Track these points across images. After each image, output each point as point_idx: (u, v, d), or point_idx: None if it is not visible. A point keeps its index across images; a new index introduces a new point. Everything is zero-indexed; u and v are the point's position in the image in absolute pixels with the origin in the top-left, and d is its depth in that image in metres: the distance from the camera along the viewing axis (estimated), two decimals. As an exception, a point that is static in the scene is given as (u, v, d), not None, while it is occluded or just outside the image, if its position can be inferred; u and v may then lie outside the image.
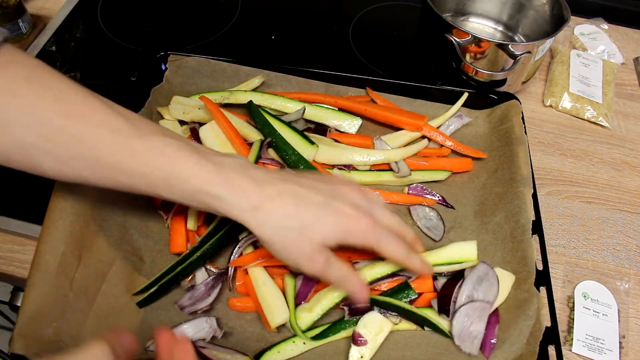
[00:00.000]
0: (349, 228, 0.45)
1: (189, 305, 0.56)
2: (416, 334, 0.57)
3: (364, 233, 0.46)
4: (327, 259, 0.46)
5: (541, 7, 0.85)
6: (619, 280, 0.67)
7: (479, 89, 0.77)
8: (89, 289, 0.53)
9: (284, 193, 0.44)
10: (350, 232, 0.45)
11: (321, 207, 0.44)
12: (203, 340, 0.53)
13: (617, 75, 0.94)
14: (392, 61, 0.93)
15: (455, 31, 0.76)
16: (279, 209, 0.43)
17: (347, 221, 0.45)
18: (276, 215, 0.43)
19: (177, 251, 0.59)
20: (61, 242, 0.52)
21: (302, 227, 0.44)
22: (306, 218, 0.44)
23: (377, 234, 0.46)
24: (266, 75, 0.76)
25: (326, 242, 0.45)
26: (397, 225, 0.50)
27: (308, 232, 0.44)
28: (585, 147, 0.83)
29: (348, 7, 1.03)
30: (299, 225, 0.44)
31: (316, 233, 0.44)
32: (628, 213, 0.75)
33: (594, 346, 0.61)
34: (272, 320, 0.54)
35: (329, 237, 0.45)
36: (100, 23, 0.95)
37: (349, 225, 0.45)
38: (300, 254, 0.45)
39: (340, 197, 0.46)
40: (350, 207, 0.45)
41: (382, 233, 0.47)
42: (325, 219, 0.44)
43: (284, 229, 0.44)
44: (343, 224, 0.45)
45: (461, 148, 0.72)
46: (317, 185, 0.46)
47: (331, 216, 0.44)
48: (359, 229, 0.45)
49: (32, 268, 0.50)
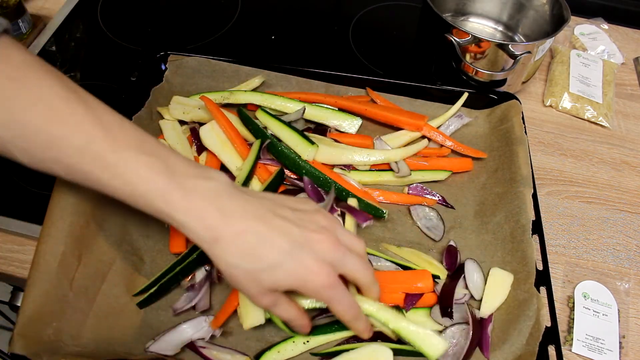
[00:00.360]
0: (304, 281, 0.44)
1: (185, 305, 0.56)
2: None
3: (318, 289, 0.45)
4: (274, 300, 0.46)
5: (541, 7, 0.85)
6: (619, 280, 0.67)
7: (479, 89, 0.77)
8: (89, 289, 0.53)
9: (247, 232, 0.43)
10: (304, 285, 0.45)
11: (282, 254, 0.44)
12: (203, 340, 0.53)
13: (617, 75, 0.94)
14: (392, 61, 0.93)
15: (455, 31, 0.76)
16: (237, 247, 0.43)
17: (305, 274, 0.44)
18: (233, 252, 0.43)
19: (177, 251, 0.59)
20: (61, 242, 0.52)
21: (254, 270, 0.44)
22: (262, 262, 0.43)
23: (331, 293, 0.46)
24: (266, 75, 0.76)
25: (276, 288, 0.45)
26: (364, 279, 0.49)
27: (259, 275, 0.44)
28: (585, 147, 0.83)
29: (348, 7, 1.03)
30: (251, 267, 0.44)
31: (267, 278, 0.44)
32: (628, 213, 0.75)
33: (594, 346, 0.61)
34: (245, 321, 0.53)
35: (281, 284, 0.45)
36: (100, 23, 0.95)
37: (304, 278, 0.44)
38: (247, 292, 0.45)
39: (308, 246, 0.45)
40: (314, 260, 0.44)
41: (337, 293, 0.46)
42: (282, 267, 0.44)
43: (237, 267, 0.44)
44: (299, 276, 0.44)
45: (461, 148, 0.72)
46: (287, 229, 0.45)
47: (289, 265, 0.44)
48: (314, 284, 0.45)
49: (32, 268, 0.50)
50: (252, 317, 0.53)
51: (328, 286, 0.45)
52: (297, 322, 0.50)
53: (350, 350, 0.54)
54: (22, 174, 0.70)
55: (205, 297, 0.57)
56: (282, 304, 0.47)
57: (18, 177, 0.70)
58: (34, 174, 0.42)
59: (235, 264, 0.44)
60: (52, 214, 0.52)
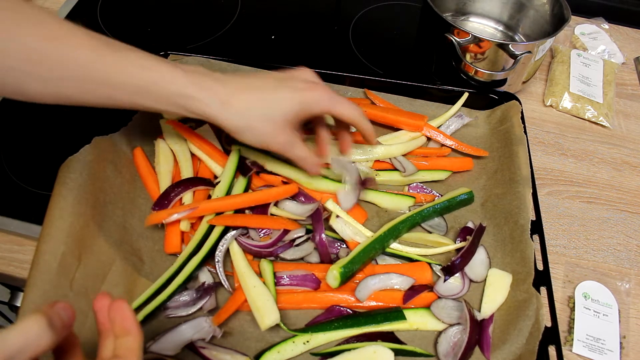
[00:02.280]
0: (304, 98, 0.52)
1: (173, 308, 0.56)
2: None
3: (319, 99, 0.52)
4: (290, 138, 0.53)
5: (541, 7, 0.85)
6: (620, 280, 0.67)
7: (479, 89, 0.77)
8: (89, 289, 0.53)
9: (244, 87, 0.51)
10: (306, 101, 0.52)
11: (277, 89, 0.52)
12: (203, 340, 0.53)
13: (618, 75, 0.94)
14: (392, 61, 0.93)
15: (456, 31, 0.76)
16: (243, 100, 0.50)
17: (302, 93, 0.52)
18: (241, 105, 0.50)
19: (172, 251, 0.59)
20: (61, 242, 0.52)
21: (264, 111, 0.51)
22: (266, 103, 0.51)
23: (332, 99, 0.53)
24: (266, 75, 0.76)
25: (287, 119, 0.52)
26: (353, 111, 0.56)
27: (269, 114, 0.51)
28: (586, 147, 0.83)
29: (348, 7, 1.03)
30: (261, 111, 0.51)
31: (276, 113, 0.51)
32: (628, 213, 0.75)
33: (594, 346, 0.61)
34: (262, 322, 0.53)
35: (288, 112, 0.51)
36: (100, 23, 0.95)
37: (304, 96, 0.52)
38: (266, 135, 0.52)
39: (290, 77, 0.54)
40: (302, 82, 0.53)
41: (336, 98, 0.54)
42: (281, 97, 0.51)
43: (249, 117, 0.51)
44: (298, 96, 0.52)
45: (462, 147, 0.72)
46: (272, 75, 0.54)
47: (286, 93, 0.52)
48: (313, 97, 0.52)
49: (32, 268, 0.50)
50: (268, 317, 0.53)
51: (326, 94, 0.53)
52: (308, 160, 0.57)
53: (350, 350, 0.54)
54: (22, 174, 0.70)
55: (212, 297, 0.57)
56: (297, 143, 0.55)
57: (18, 177, 0.70)
58: (34, 174, 0.42)
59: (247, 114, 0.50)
60: (52, 214, 0.52)
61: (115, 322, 0.36)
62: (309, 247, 0.62)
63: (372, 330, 0.56)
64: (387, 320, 0.56)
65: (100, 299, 0.37)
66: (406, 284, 0.59)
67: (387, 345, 0.54)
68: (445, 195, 0.67)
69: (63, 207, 0.53)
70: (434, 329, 0.57)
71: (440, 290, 0.59)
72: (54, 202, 0.53)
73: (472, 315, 0.56)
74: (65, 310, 0.34)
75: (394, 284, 0.59)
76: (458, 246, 0.62)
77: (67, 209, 0.53)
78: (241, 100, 0.50)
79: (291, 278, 0.58)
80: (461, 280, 0.60)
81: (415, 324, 0.57)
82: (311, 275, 0.59)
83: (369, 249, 0.59)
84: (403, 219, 0.62)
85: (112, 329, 0.36)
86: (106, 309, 0.36)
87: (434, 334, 0.57)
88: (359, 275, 0.59)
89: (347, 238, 0.61)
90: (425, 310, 0.58)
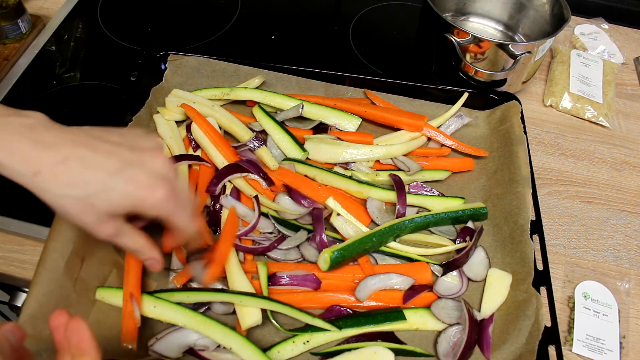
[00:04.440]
0: (139, 198, 0.43)
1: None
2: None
3: (157, 204, 0.44)
4: (116, 229, 0.45)
5: (541, 7, 0.85)
6: (620, 280, 0.67)
7: (479, 89, 0.77)
8: (91, 290, 0.54)
9: (70, 158, 0.41)
10: (142, 202, 0.43)
11: (113, 174, 0.42)
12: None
13: (618, 75, 0.94)
14: (392, 61, 0.93)
15: (456, 31, 0.76)
16: (62, 176, 0.41)
17: (140, 191, 0.43)
18: (57, 182, 0.41)
19: (169, 250, 0.55)
20: (70, 241, 0.52)
21: (86, 196, 0.41)
22: (91, 186, 0.41)
23: (171, 206, 0.45)
24: (266, 75, 0.76)
25: (114, 212, 0.43)
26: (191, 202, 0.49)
27: (93, 200, 0.42)
28: (586, 147, 0.83)
29: (348, 7, 1.03)
30: (83, 193, 0.41)
31: (102, 202, 0.42)
32: (628, 213, 0.75)
33: (594, 346, 0.61)
34: (243, 322, 0.53)
35: (117, 207, 0.43)
36: (100, 23, 0.95)
37: (140, 196, 0.43)
38: (86, 222, 0.43)
39: (139, 163, 0.43)
40: (147, 176, 0.43)
41: (177, 204, 0.45)
42: (114, 187, 0.42)
43: (66, 197, 0.41)
44: (135, 194, 0.43)
45: (462, 147, 0.72)
46: (115, 151, 0.43)
47: (122, 185, 0.42)
48: (152, 200, 0.43)
49: (39, 266, 0.50)
50: (249, 318, 0.53)
51: (167, 198, 0.44)
52: (147, 254, 0.48)
53: (350, 350, 0.54)
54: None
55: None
56: (127, 233, 0.46)
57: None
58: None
59: (62, 194, 0.41)
60: None
61: (72, 343, 0.34)
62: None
63: (372, 330, 0.56)
64: (387, 320, 0.56)
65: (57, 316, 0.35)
66: (406, 284, 0.59)
67: (387, 345, 0.54)
68: (457, 205, 0.66)
69: None
70: (433, 329, 0.57)
71: (440, 289, 0.59)
72: None
73: (472, 315, 0.56)
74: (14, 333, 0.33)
75: (394, 284, 0.59)
76: (458, 247, 0.62)
77: None
78: (60, 176, 0.40)
79: (291, 278, 0.58)
80: (459, 279, 0.60)
81: (415, 324, 0.57)
82: (311, 275, 0.59)
83: (365, 240, 0.59)
84: (405, 219, 0.62)
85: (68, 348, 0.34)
86: (62, 327, 0.35)
87: (433, 334, 0.57)
88: (359, 275, 0.59)
89: (347, 237, 0.61)
90: (425, 310, 0.58)
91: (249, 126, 0.71)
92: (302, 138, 0.70)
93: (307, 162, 0.68)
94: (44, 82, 0.84)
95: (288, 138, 0.68)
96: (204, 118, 0.68)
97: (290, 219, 0.62)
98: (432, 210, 0.65)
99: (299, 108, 0.71)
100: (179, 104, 0.70)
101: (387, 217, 0.65)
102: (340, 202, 0.64)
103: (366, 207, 0.65)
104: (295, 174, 0.67)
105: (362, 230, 0.62)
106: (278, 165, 0.67)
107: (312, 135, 0.71)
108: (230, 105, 0.75)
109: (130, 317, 0.51)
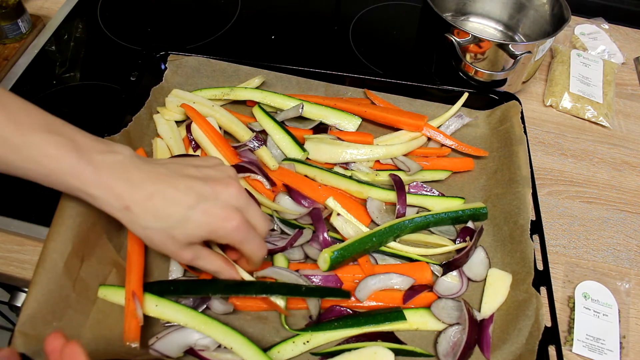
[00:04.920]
0: (215, 227, 0.48)
1: None
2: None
3: (230, 233, 0.48)
4: (195, 254, 0.50)
5: (541, 7, 0.85)
6: (620, 280, 0.67)
7: (479, 89, 0.77)
8: (90, 290, 0.53)
9: (155, 195, 0.46)
10: (216, 231, 0.48)
11: (190, 208, 0.47)
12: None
13: (618, 75, 0.94)
14: (392, 61, 0.93)
15: (456, 31, 0.76)
16: (148, 211, 0.46)
17: (215, 221, 0.48)
18: (144, 216, 0.46)
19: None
20: (69, 241, 0.52)
21: (168, 228, 0.47)
22: (171, 219, 0.47)
23: (242, 235, 0.49)
24: (266, 75, 0.76)
25: (191, 240, 0.48)
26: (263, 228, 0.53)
27: (172, 232, 0.47)
28: (586, 147, 0.83)
29: (348, 7, 1.03)
30: (164, 226, 0.47)
31: (180, 233, 0.47)
32: (628, 213, 0.75)
33: (594, 346, 0.61)
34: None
35: (194, 235, 0.48)
36: (100, 23, 0.95)
37: (215, 226, 0.48)
38: (167, 250, 0.48)
39: (213, 197, 0.48)
40: (220, 208, 0.48)
41: (248, 233, 0.50)
42: (191, 220, 0.47)
43: (151, 229, 0.47)
44: (209, 225, 0.48)
45: (462, 147, 0.72)
46: (192, 185, 0.48)
47: (198, 217, 0.47)
48: (225, 230, 0.48)
49: (38, 265, 0.50)
50: None
51: (237, 228, 0.48)
52: (225, 273, 0.53)
53: (350, 350, 0.54)
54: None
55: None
56: (205, 257, 0.51)
57: (18, 177, 0.70)
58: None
59: (148, 226, 0.47)
60: (63, 212, 0.52)
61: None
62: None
63: (372, 330, 0.56)
64: (387, 320, 0.56)
65: (52, 340, 0.37)
66: (406, 284, 0.59)
67: (387, 345, 0.54)
68: (457, 205, 0.66)
69: (74, 205, 0.53)
70: (433, 329, 0.57)
71: (440, 289, 0.59)
72: (65, 200, 0.53)
73: (471, 315, 0.56)
74: (9, 359, 0.34)
75: (394, 284, 0.59)
76: (458, 247, 0.62)
77: (77, 208, 0.53)
78: (146, 211, 0.46)
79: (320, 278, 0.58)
80: (459, 279, 0.60)
81: (415, 324, 0.57)
82: (334, 276, 0.59)
83: (365, 240, 0.59)
84: (405, 219, 0.62)
85: None
86: (58, 351, 0.36)
87: (433, 334, 0.57)
88: (358, 275, 0.59)
89: (347, 237, 0.61)
90: (425, 310, 0.58)
91: (249, 126, 0.71)
92: (302, 138, 0.70)
93: (307, 162, 0.68)
94: (43, 82, 0.84)
95: (288, 138, 0.68)
96: (204, 118, 0.68)
97: (291, 219, 0.62)
98: (432, 210, 0.65)
99: (299, 108, 0.71)
100: (179, 104, 0.70)
101: (387, 217, 0.65)
102: (340, 202, 0.64)
103: (366, 207, 0.65)
104: (295, 174, 0.67)
105: (362, 230, 0.62)
106: (278, 165, 0.67)
107: (312, 135, 0.71)
108: (230, 105, 0.75)
109: (133, 316, 0.52)
